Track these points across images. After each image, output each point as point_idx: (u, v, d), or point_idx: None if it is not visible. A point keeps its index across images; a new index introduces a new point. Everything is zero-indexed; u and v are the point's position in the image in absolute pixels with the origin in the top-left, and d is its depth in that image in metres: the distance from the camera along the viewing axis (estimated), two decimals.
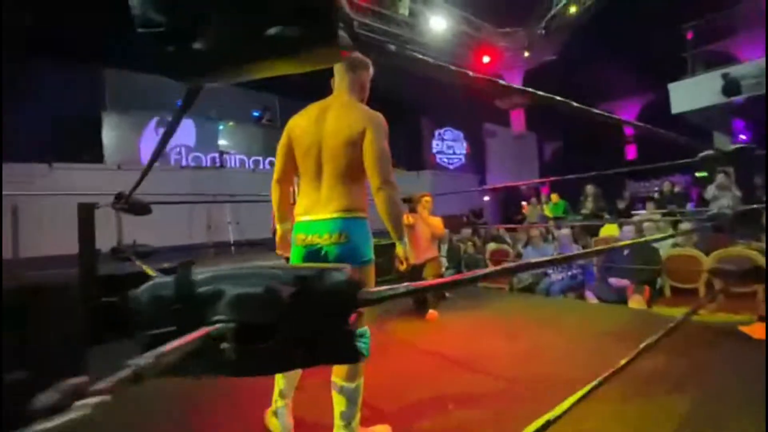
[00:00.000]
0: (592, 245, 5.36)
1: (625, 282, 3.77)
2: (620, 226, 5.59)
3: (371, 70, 1.58)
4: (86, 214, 3.09)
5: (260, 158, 8.04)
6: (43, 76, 6.77)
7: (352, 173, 1.40)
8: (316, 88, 1.66)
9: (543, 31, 8.51)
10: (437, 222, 3.69)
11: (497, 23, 8.77)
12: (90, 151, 6.56)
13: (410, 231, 3.60)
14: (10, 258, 3.98)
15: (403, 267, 1.51)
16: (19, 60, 6.43)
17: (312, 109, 1.49)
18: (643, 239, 2.48)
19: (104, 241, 3.81)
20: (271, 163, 8.82)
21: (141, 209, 3.03)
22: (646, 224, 4.54)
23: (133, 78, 7.51)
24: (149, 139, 7.10)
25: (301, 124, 1.47)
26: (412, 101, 11.04)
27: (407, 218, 3.54)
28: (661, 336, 1.50)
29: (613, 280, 3.86)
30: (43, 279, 2.84)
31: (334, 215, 1.38)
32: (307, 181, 1.46)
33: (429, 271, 3.57)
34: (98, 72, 7.34)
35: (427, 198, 3.68)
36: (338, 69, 1.53)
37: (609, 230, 5.82)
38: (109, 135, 6.87)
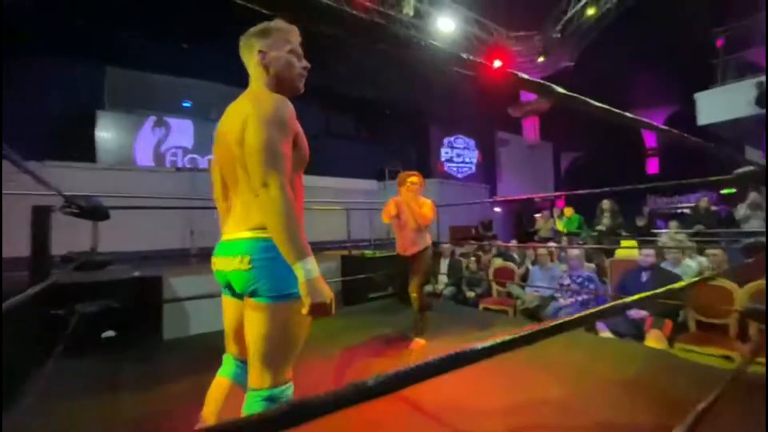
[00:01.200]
0: (606, 266, 4.89)
1: (643, 313, 3.32)
2: (640, 246, 5.10)
3: (279, 32, 1.19)
4: (41, 218, 2.84)
5: None
6: (43, 72, 6.70)
7: None
8: (325, 90, 1.31)
9: (559, 35, 8.04)
10: (426, 205, 2.96)
11: (510, 26, 8.35)
12: (83, 149, 6.41)
13: (395, 220, 3.03)
14: None
15: (304, 310, 0.97)
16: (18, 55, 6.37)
17: (230, 105, 1.20)
18: (699, 279, 2.03)
19: (83, 245, 3.58)
20: None
21: (95, 214, 2.75)
22: (666, 246, 4.06)
23: (135, 76, 7.40)
24: (145, 140, 6.93)
25: (219, 125, 1.20)
26: (422, 107, 10.73)
27: (389, 209, 2.96)
28: (706, 409, 1.10)
29: (629, 311, 3.40)
30: None
31: (239, 234, 1.10)
32: (231, 191, 1.20)
33: (417, 271, 2.92)
34: (99, 69, 7.25)
35: (414, 179, 2.99)
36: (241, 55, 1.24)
37: (627, 250, 5.33)
38: (103, 134, 6.70)
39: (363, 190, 8.86)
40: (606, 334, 3.42)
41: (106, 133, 6.65)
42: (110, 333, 3.43)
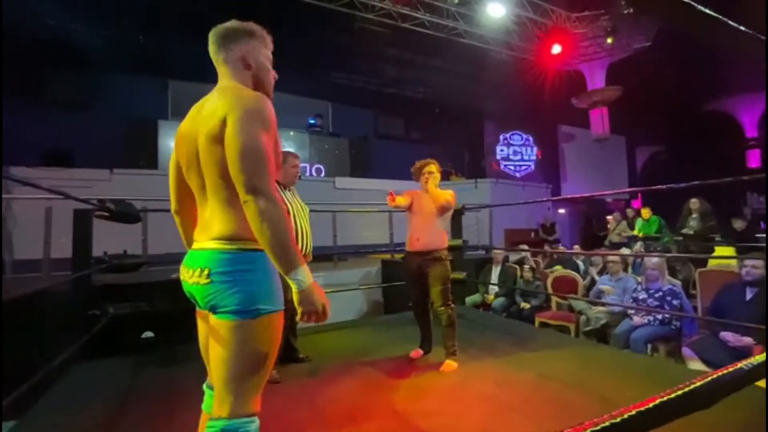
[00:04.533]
0: (696, 279, 4.06)
1: (747, 340, 2.61)
2: (739, 254, 4.20)
3: (260, 38, 1.15)
4: (82, 221, 2.93)
5: (306, 165, 7.84)
6: (111, 88, 7.38)
7: (232, 183, 1.01)
8: (373, 91, 1.14)
9: (631, 10, 6.96)
10: (446, 193, 2.59)
11: (571, 6, 7.43)
12: (148, 157, 6.97)
13: (409, 213, 2.66)
14: (40, 258, 4.11)
15: (297, 317, 0.99)
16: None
17: (196, 106, 1.11)
18: None
19: (133, 247, 3.74)
20: (318, 170, 8.69)
21: (125, 217, 2.76)
22: None
23: (195, 88, 7.86)
24: None
25: (182, 127, 1.11)
26: (474, 102, 10.16)
27: (396, 200, 2.51)
28: None
29: (727, 336, 2.71)
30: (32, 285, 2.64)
31: (203, 245, 1.04)
32: (198, 199, 1.12)
33: (435, 279, 2.51)
34: (163, 83, 7.82)
35: (431, 167, 2.62)
36: (211, 49, 1.13)
37: (723, 260, 4.41)
38: (166, 142, 7.18)
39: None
40: (696, 363, 2.76)
41: (169, 141, 7.12)
42: (149, 334, 3.49)
